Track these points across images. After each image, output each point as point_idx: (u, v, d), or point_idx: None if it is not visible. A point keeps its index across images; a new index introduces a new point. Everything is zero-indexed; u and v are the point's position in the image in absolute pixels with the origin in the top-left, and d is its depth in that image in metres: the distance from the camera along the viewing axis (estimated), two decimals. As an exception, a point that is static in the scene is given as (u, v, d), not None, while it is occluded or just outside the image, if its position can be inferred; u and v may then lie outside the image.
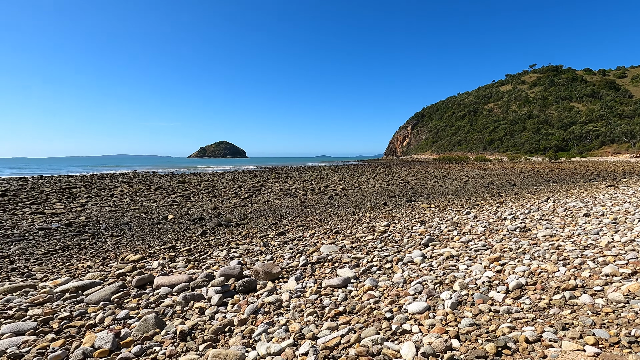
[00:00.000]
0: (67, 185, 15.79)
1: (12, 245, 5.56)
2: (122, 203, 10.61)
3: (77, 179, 20.59)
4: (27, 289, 3.54)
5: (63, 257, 4.88)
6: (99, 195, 12.31)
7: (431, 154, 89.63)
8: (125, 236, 6.20)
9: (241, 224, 7.17)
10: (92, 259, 4.81)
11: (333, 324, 2.48)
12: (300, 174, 26.02)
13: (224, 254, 4.80)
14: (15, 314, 2.89)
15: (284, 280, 3.62)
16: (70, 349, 2.32)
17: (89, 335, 2.43)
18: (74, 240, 5.86)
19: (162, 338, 2.43)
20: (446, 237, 5.08)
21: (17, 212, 8.73)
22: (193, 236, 6.14)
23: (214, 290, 3.20)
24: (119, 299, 3.19)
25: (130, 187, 15.31)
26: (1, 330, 2.58)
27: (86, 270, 4.25)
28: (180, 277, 3.55)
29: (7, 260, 4.74)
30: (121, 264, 4.43)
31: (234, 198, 11.76)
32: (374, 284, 3.26)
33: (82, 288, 3.46)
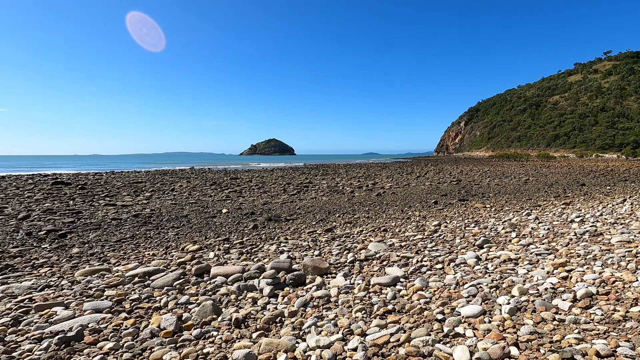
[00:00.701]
0: (134, 180, 17.29)
1: (91, 232, 6.24)
2: (182, 197, 11.40)
3: (143, 174, 22.47)
4: (104, 272, 3.96)
5: (132, 245, 5.37)
6: (162, 190, 13.33)
7: (486, 151, 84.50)
8: (184, 228, 6.66)
9: (290, 220, 7.35)
10: (157, 247, 5.24)
11: (382, 322, 2.46)
12: (347, 171, 25.99)
13: (274, 247, 4.97)
14: (95, 294, 3.25)
15: (332, 275, 3.66)
16: (140, 328, 2.56)
17: (155, 317, 2.66)
18: (141, 230, 6.42)
19: (219, 324, 2.58)
20: (503, 239, 4.79)
21: (94, 204, 9.77)
22: (245, 230, 6.42)
23: (266, 282, 3.32)
24: (180, 285, 3.44)
25: (188, 182, 16.38)
26: (84, 307, 2.92)
27: (152, 257, 4.64)
28: (235, 268, 3.74)
29: (87, 246, 5.33)
30: (181, 254, 4.78)
31: (282, 194, 12.08)
32: (424, 284, 3.18)
33: (149, 274, 3.79)
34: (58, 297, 3.21)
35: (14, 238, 5.81)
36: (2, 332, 2.51)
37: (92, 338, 2.40)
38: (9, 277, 3.84)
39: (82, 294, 3.27)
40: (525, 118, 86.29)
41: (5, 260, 4.55)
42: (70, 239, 5.79)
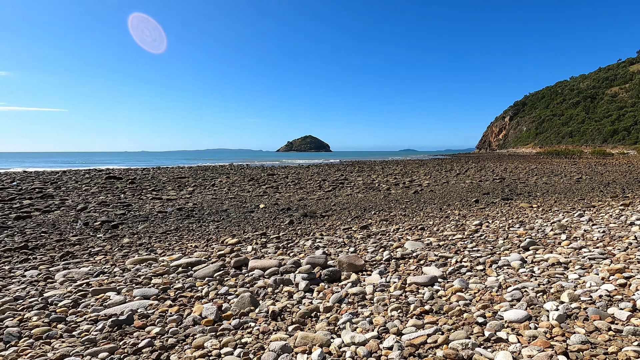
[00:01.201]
0: (178, 175, 18.20)
1: (140, 224, 6.66)
2: (221, 192, 11.83)
3: (186, 170, 23.58)
4: (151, 261, 4.22)
5: (176, 237, 5.67)
6: (203, 185, 13.92)
7: (533, 147, 79.52)
8: (224, 222, 6.91)
9: (325, 216, 7.39)
10: (198, 240, 5.49)
11: (419, 322, 2.41)
12: (383, 168, 25.62)
13: (309, 243, 5.02)
14: (143, 281, 3.48)
15: (367, 273, 3.64)
16: (183, 315, 2.70)
17: (197, 306, 2.79)
18: (184, 223, 6.75)
19: (257, 315, 2.66)
20: (552, 242, 4.49)
21: (142, 197, 10.42)
22: (281, 225, 6.54)
23: (301, 277, 3.37)
24: (220, 276, 3.58)
25: (227, 177, 16.96)
26: (134, 293, 3.13)
27: (194, 249, 4.87)
28: (271, 262, 3.83)
29: (136, 236, 5.70)
30: (221, 246, 4.97)
31: (318, 190, 12.16)
32: (463, 286, 3.07)
33: (191, 264, 3.98)
34: (111, 283, 3.46)
35: (73, 227, 6.34)
36: (64, 313, 2.76)
37: (140, 322, 2.57)
38: (70, 263, 4.20)
39: (132, 281, 3.51)
40: (578, 112, 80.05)
41: (67, 247, 4.98)
42: (122, 229, 6.22)
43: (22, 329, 2.47)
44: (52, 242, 5.29)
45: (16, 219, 6.99)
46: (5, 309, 2.81)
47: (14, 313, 2.75)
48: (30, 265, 4.13)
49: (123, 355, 2.13)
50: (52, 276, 3.70)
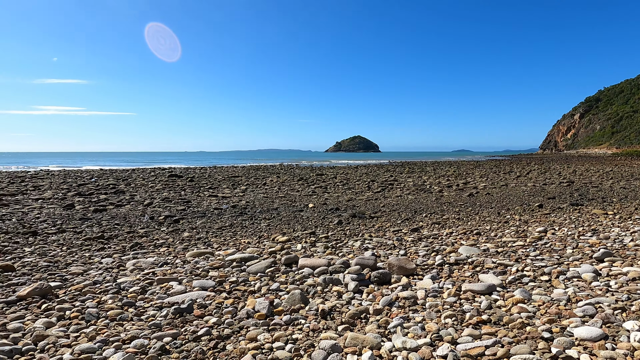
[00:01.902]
0: (232, 174, 19.10)
1: (198, 219, 7.10)
2: (272, 191, 12.20)
3: (239, 169, 24.68)
4: (208, 255, 4.48)
5: (230, 233, 5.95)
6: (255, 184, 14.47)
7: (609, 148, 71.49)
8: (274, 220, 7.12)
9: (374, 217, 7.29)
10: (251, 236, 5.71)
11: (475, 332, 2.29)
12: (435, 169, 24.67)
13: (358, 244, 4.99)
14: (201, 273, 3.70)
15: (418, 277, 3.52)
16: (238, 308, 2.83)
17: (251, 300, 2.90)
18: (237, 220, 7.07)
19: (307, 313, 2.71)
20: (632, 253, 4.01)
21: (200, 194, 11.10)
22: (330, 225, 6.58)
23: (350, 277, 3.36)
24: (271, 272, 3.70)
25: (278, 177, 17.45)
26: (193, 284, 3.34)
27: (247, 245, 5.08)
28: (321, 261, 3.86)
29: (195, 231, 6.09)
30: (272, 243, 5.12)
31: (367, 191, 12.05)
32: (526, 297, 2.85)
33: (245, 260, 4.15)
34: (173, 273, 3.73)
35: (141, 221, 6.94)
36: (134, 298, 3.03)
37: (199, 312, 2.73)
38: (138, 253, 4.61)
39: (191, 272, 3.75)
40: (665, 108, 70.50)
41: (135, 239, 5.46)
42: (182, 224, 6.67)
43: (100, 310, 2.76)
44: (123, 233, 5.83)
45: (94, 212, 7.82)
46: (86, 292, 3.16)
47: (93, 295, 3.08)
48: (105, 253, 4.59)
49: (184, 341, 2.29)
50: (123, 264, 4.08)
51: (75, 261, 4.21)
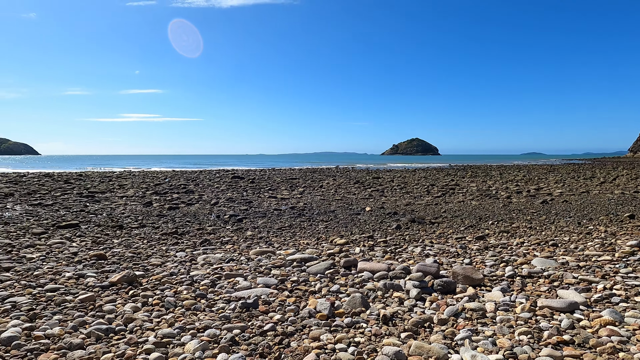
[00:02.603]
0: (290, 177, 19.67)
1: (259, 219, 7.43)
2: (329, 193, 12.32)
3: (297, 171, 25.33)
4: (270, 253, 4.66)
5: (290, 233, 6.13)
6: (312, 186, 14.73)
7: None
8: (332, 222, 7.19)
9: (435, 223, 7.01)
10: (309, 237, 5.83)
11: (556, 353, 2.09)
12: (501, 173, 22.99)
13: (418, 250, 4.84)
14: (264, 271, 3.87)
15: (486, 288, 3.31)
16: (300, 307, 2.91)
17: (312, 300, 2.96)
18: (296, 221, 7.26)
19: (368, 317, 2.69)
20: None
21: (260, 195, 11.60)
22: (388, 229, 6.46)
23: (412, 284, 3.27)
24: (331, 274, 3.74)
25: (334, 180, 17.59)
26: (257, 281, 3.51)
27: (306, 246, 5.19)
28: (380, 266, 3.82)
29: (257, 230, 6.38)
30: (330, 245, 5.18)
31: (426, 195, 11.62)
32: (616, 318, 2.53)
33: (304, 260, 4.25)
34: (239, 269, 3.95)
35: (209, 219, 7.45)
36: (205, 290, 3.26)
37: (264, 308, 2.86)
38: (207, 249, 4.95)
39: (255, 269, 3.94)
40: None
41: (204, 235, 5.88)
42: (245, 223, 7.04)
43: (177, 300, 3.02)
44: (193, 230, 6.32)
45: (169, 209, 8.58)
46: (165, 282, 3.48)
47: (170, 285, 3.38)
48: (179, 248, 5.01)
49: (252, 335, 2.41)
50: (195, 259, 4.42)
51: (154, 253, 4.66)
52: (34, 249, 4.72)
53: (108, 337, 2.37)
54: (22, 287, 3.23)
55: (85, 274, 3.63)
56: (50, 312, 2.72)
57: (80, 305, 2.87)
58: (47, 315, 2.65)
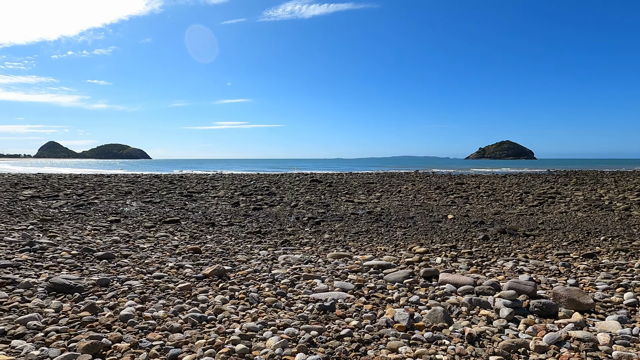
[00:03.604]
0: (367, 181, 19.53)
1: (336, 223, 7.52)
2: (407, 199, 11.91)
3: (374, 175, 25.05)
4: (346, 258, 4.67)
5: (367, 239, 6.07)
6: (389, 191, 14.41)
7: None
8: (410, 229, 6.92)
9: (530, 235, 6.27)
10: (387, 244, 5.69)
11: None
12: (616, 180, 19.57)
13: (510, 264, 4.37)
14: (341, 275, 3.89)
15: (597, 316, 2.83)
16: (377, 315, 2.85)
17: (389, 308, 2.88)
18: (373, 226, 7.17)
19: (450, 334, 2.51)
20: None
21: (337, 199, 11.74)
22: (474, 239, 5.98)
23: (503, 302, 2.96)
24: (409, 284, 3.59)
25: (413, 185, 16.94)
26: (334, 284, 3.54)
27: (383, 252, 5.08)
28: (465, 279, 3.54)
29: (334, 233, 6.46)
30: (409, 253, 4.98)
31: (519, 204, 10.48)
32: None
33: (382, 267, 4.16)
34: (317, 271, 4.04)
35: (289, 220, 7.79)
36: (285, 289, 3.41)
37: (340, 312, 2.87)
38: (287, 249, 5.18)
39: (332, 272, 3.99)
40: None
41: (284, 236, 6.16)
42: (323, 226, 7.18)
43: (260, 296, 3.21)
44: (275, 230, 6.67)
45: (253, 210, 9.21)
46: (249, 277, 3.73)
47: (254, 282, 3.61)
48: (262, 246, 5.33)
49: (329, 338, 2.43)
50: (276, 258, 4.65)
51: (240, 250, 5.03)
52: (145, 240, 5.49)
53: (201, 324, 2.62)
54: (136, 272, 3.77)
55: (184, 265, 4.08)
56: (156, 296, 3.12)
57: (180, 293, 3.23)
58: (154, 299, 3.05)
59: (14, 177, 18.84)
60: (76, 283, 3.18)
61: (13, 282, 3.22)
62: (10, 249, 4.38)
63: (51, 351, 2.11)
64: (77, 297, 2.96)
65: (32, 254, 4.22)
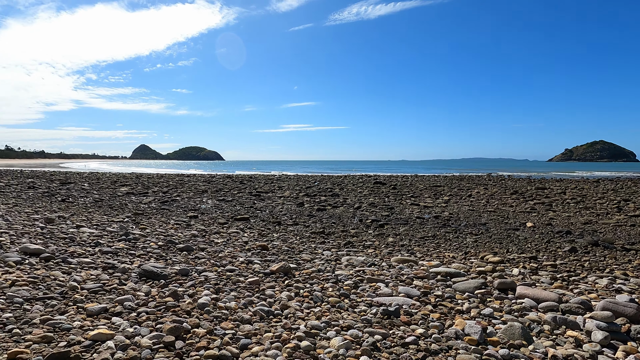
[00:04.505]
0: (433, 184, 18.68)
1: (401, 226, 7.32)
2: (479, 204, 11.12)
3: (441, 178, 23.86)
4: (411, 263, 4.52)
5: (433, 244, 5.81)
6: (459, 195, 13.60)
7: None
8: (482, 236, 6.45)
9: (631, 250, 5.43)
10: (455, 251, 5.38)
11: None
12: None
13: (604, 282, 3.83)
14: (406, 280, 3.77)
15: None
16: (444, 325, 2.70)
17: (459, 319, 2.71)
18: (440, 232, 6.83)
19: (530, 354, 2.28)
20: None
21: (402, 202, 11.42)
22: (558, 251, 5.36)
23: (595, 324, 2.60)
24: (481, 295, 3.35)
25: (485, 189, 15.77)
26: (399, 289, 3.45)
27: (451, 259, 4.81)
28: (547, 294, 3.19)
29: (398, 237, 6.29)
30: (481, 262, 4.64)
31: (616, 213, 9.14)
32: None
33: (450, 275, 3.94)
34: (380, 275, 3.97)
35: (351, 222, 7.79)
36: (348, 290, 3.41)
37: (405, 318, 2.78)
38: (350, 251, 5.18)
39: (396, 277, 3.89)
40: None
41: (347, 238, 6.17)
42: (387, 229, 7.04)
43: (323, 295, 3.25)
44: (338, 231, 6.71)
45: (317, 210, 9.38)
46: (313, 277, 3.81)
47: (318, 281, 3.67)
48: (325, 247, 5.41)
49: (393, 344, 2.38)
50: (339, 259, 4.68)
51: (305, 250, 5.16)
52: (219, 235, 5.92)
53: (268, 318, 2.74)
54: (211, 265, 4.09)
55: (253, 261, 4.32)
56: (228, 288, 3.34)
57: (249, 286, 3.42)
58: (226, 291, 3.27)
59: (113, 176, 21.70)
60: (162, 271, 3.55)
61: (113, 266, 3.71)
62: (110, 238, 5.05)
63: (142, 330, 2.38)
64: (163, 284, 3.31)
65: (127, 243, 4.81)
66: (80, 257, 3.93)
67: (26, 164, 51.77)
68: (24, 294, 2.82)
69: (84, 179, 18.16)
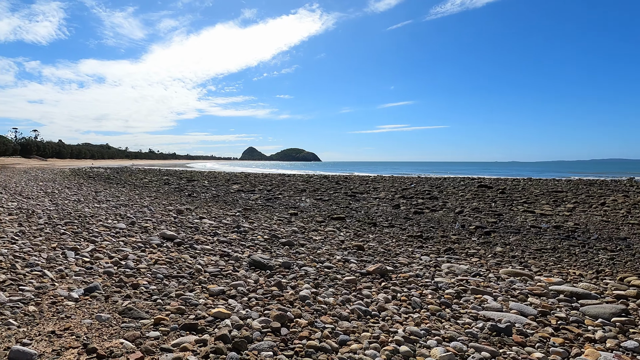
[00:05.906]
0: (553, 189, 16.21)
1: (511, 235, 6.55)
2: (616, 214, 9.24)
3: (563, 183, 20.55)
4: (525, 277, 4.01)
5: (554, 258, 5.05)
6: (587, 202, 11.53)
7: None
8: (622, 253, 5.34)
9: None
10: (584, 268, 4.58)
11: None
12: None
13: None
14: (518, 296, 3.36)
15: None
16: (570, 353, 2.33)
17: (590, 350, 2.31)
18: (562, 244, 5.89)
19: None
20: None
21: (512, 208, 10.21)
22: None
23: None
24: (621, 324, 2.78)
25: (625, 196, 13.01)
26: (510, 305, 3.10)
27: (578, 278, 4.11)
28: None
29: (508, 247, 5.65)
30: (619, 284, 3.86)
31: None
32: None
33: (577, 295, 3.38)
34: (487, 287, 3.62)
35: (452, 227, 7.29)
36: (449, 300, 3.20)
37: (519, 338, 2.48)
38: (451, 258, 4.85)
39: (506, 291, 3.50)
40: None
41: (448, 244, 5.80)
42: (494, 237, 6.39)
43: (422, 302, 3.12)
44: (437, 236, 6.36)
45: (414, 213, 9.05)
46: (411, 281, 3.69)
47: (416, 287, 3.54)
48: (423, 251, 5.18)
49: (504, 364, 2.15)
50: (439, 265, 4.43)
51: (401, 253, 5.03)
52: (317, 233, 6.18)
53: (366, 317, 2.76)
54: (310, 260, 4.30)
55: (349, 260, 4.39)
56: (327, 284, 3.47)
57: (346, 285, 3.49)
58: (325, 287, 3.40)
59: (226, 175, 24.57)
60: (267, 262, 3.89)
61: (228, 255, 4.21)
62: (225, 229, 5.73)
63: (253, 313, 2.65)
64: (269, 274, 3.61)
65: (239, 234, 5.40)
66: (202, 245, 4.56)
67: (163, 164, 62.66)
68: (163, 271, 3.40)
69: (204, 177, 21.00)
